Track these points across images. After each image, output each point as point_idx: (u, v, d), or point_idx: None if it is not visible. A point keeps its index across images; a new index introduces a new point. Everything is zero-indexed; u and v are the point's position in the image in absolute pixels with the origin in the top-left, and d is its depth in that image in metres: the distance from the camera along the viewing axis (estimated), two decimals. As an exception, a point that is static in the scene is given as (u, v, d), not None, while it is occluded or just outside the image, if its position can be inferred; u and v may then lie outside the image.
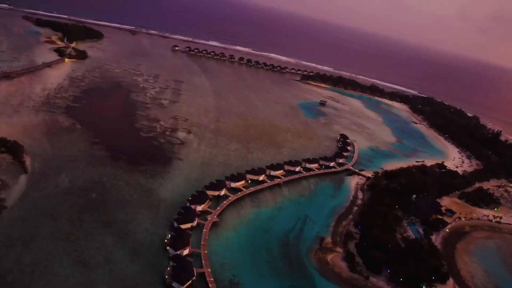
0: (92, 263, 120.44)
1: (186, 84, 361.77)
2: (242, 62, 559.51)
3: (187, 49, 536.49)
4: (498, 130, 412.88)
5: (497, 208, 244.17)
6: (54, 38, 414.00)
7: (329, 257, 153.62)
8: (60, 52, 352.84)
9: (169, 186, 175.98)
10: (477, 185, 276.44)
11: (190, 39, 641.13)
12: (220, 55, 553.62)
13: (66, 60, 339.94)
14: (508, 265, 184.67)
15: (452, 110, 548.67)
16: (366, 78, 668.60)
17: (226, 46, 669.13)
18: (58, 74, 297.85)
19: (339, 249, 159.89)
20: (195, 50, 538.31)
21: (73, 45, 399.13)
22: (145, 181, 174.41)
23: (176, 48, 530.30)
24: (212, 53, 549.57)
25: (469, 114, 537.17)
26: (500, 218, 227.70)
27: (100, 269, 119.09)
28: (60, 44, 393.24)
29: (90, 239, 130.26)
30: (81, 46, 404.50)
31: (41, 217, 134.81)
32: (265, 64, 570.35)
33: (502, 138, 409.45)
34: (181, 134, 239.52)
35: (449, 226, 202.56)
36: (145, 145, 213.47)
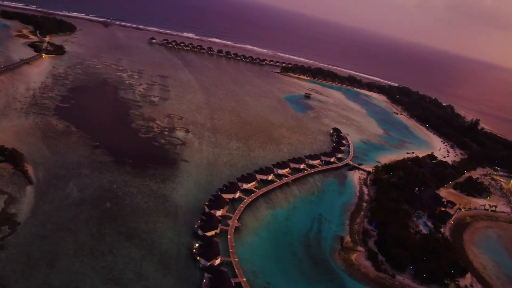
0: (124, 280, 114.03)
1: (172, 79, 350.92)
2: (221, 54, 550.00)
3: (164, 41, 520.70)
4: (475, 119, 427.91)
5: (489, 197, 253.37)
6: (25, 31, 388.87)
7: (353, 257, 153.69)
8: (36, 48, 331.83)
9: (182, 191, 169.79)
10: (466, 174, 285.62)
11: (165, 31, 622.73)
12: (198, 47, 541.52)
13: (44, 56, 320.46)
14: (511, 254, 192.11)
15: (427, 100, 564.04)
16: (342, 69, 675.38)
17: (203, 38, 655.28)
18: (39, 72, 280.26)
19: (360, 248, 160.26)
20: (173, 43, 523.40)
21: (47, 39, 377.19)
22: (157, 187, 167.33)
23: (153, 41, 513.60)
24: (190, 46, 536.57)
25: (443, 104, 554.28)
26: (495, 207, 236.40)
27: (134, 286, 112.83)
28: (34, 38, 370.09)
29: (116, 253, 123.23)
30: (55, 40, 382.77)
31: (60, 232, 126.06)
32: (244, 56, 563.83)
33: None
34: (180, 134, 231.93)
35: (452, 218, 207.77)
36: (146, 147, 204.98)
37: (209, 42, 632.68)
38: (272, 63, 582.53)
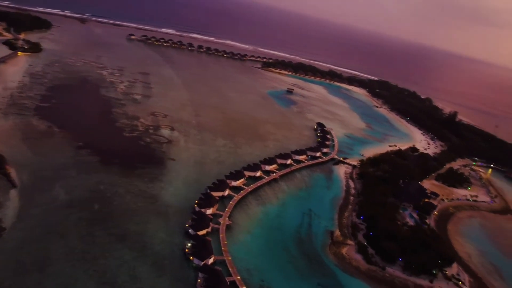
0: (118, 283, 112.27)
1: (153, 76, 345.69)
2: (201, 50, 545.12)
3: (143, 38, 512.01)
4: (453, 111, 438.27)
5: (470, 187, 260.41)
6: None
7: (344, 250, 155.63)
8: (11, 45, 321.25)
9: (171, 190, 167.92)
10: (447, 166, 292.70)
11: (144, 27, 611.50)
12: (178, 43, 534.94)
13: (20, 54, 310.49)
14: (495, 243, 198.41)
15: (406, 93, 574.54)
16: (323, 64, 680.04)
17: (182, 34, 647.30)
18: (16, 71, 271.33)
19: (350, 242, 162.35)
20: (152, 39, 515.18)
21: (22, 36, 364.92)
22: (145, 187, 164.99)
23: (132, 37, 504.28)
24: (170, 42, 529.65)
25: (422, 97, 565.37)
26: (477, 197, 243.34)
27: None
28: (8, 35, 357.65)
29: (108, 256, 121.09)
30: (31, 37, 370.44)
31: (49, 236, 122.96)
32: (225, 51, 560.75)
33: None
34: (165, 132, 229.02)
35: (437, 209, 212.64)
36: (132, 146, 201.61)
37: (189, 37, 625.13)
38: (253, 58, 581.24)
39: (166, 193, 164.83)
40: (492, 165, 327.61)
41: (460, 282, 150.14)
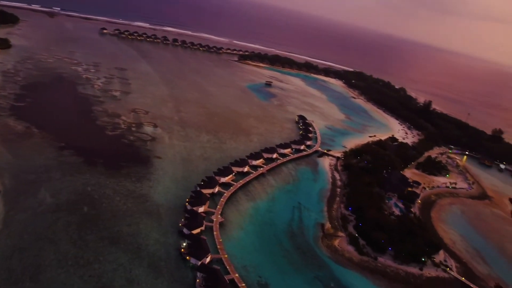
0: (116, 287, 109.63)
1: (130, 71, 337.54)
2: (177, 43, 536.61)
3: (116, 32, 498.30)
4: (427, 100, 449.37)
5: (448, 175, 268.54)
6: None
7: (336, 243, 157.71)
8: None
9: (160, 189, 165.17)
10: (425, 154, 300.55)
11: (116, 20, 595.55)
12: (152, 37, 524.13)
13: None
14: (476, 228, 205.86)
15: (381, 83, 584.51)
16: (298, 56, 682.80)
17: (156, 27, 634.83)
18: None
19: (341, 234, 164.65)
20: (126, 33, 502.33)
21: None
22: (133, 186, 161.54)
23: (105, 31, 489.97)
24: (144, 35, 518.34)
25: (396, 87, 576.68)
26: (455, 184, 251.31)
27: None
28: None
29: (102, 260, 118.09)
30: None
31: (39, 243, 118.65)
32: (200, 45, 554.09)
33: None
34: (148, 129, 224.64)
35: (420, 197, 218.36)
36: (116, 145, 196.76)
37: (162, 31, 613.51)
38: (229, 51, 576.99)
39: (155, 192, 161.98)
40: (467, 152, 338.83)
41: (448, 268, 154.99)
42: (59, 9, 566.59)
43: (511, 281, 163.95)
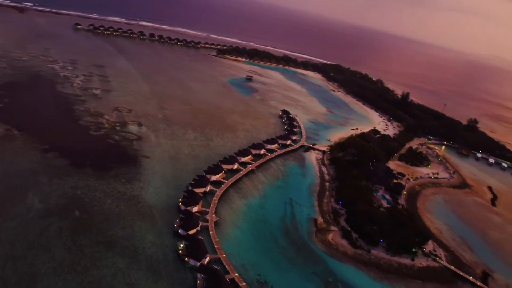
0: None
1: (109, 68, 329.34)
2: (153, 38, 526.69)
3: (91, 27, 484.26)
4: (405, 92, 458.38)
5: (430, 165, 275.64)
6: None
7: (330, 237, 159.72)
8: None
9: (151, 190, 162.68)
10: (407, 146, 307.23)
11: (89, 15, 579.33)
12: (129, 32, 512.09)
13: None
14: (459, 216, 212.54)
15: (358, 76, 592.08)
16: (277, 49, 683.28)
17: (131, 22, 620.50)
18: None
19: (333, 228, 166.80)
20: (101, 28, 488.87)
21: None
22: (124, 188, 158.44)
23: (79, 26, 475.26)
24: (120, 31, 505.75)
25: (374, 79, 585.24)
26: (437, 174, 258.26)
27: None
28: None
29: (99, 265, 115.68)
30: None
31: (32, 251, 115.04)
32: (178, 39, 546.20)
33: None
34: (133, 128, 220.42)
35: (405, 188, 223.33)
36: (101, 145, 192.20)
37: (138, 25, 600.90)
38: (207, 45, 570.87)
39: (146, 193, 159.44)
40: (445, 142, 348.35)
41: (438, 258, 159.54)
42: (29, 4, 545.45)
43: (495, 267, 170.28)
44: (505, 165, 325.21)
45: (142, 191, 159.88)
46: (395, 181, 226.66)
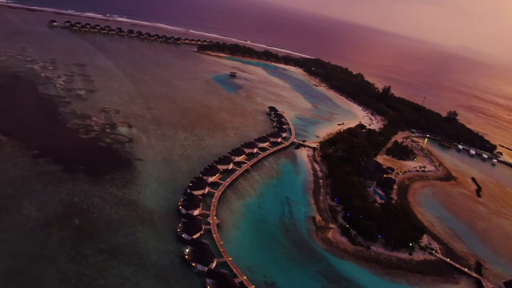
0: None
1: (91, 67, 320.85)
2: (132, 35, 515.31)
3: (67, 24, 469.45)
4: (387, 86, 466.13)
5: (416, 158, 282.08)
6: None
7: (329, 235, 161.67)
8: None
9: (149, 193, 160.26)
10: (392, 140, 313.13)
11: (64, 11, 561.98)
12: (106, 28, 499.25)
13: None
14: (448, 208, 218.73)
15: (339, 70, 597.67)
16: (257, 44, 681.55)
17: (108, 18, 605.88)
18: None
19: (332, 225, 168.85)
20: (78, 25, 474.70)
21: None
22: (121, 193, 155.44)
23: (55, 23, 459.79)
24: (97, 27, 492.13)
25: (354, 73, 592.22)
26: (424, 167, 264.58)
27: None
28: None
29: (106, 275, 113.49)
30: None
31: (35, 263, 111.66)
32: (157, 35, 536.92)
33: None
34: (123, 130, 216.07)
35: (396, 182, 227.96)
36: (93, 149, 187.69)
37: (115, 21, 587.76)
38: (187, 41, 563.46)
39: (144, 197, 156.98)
40: (427, 135, 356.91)
41: (434, 251, 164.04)
42: (1, 1, 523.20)
43: (486, 256, 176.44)
44: (485, 156, 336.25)
45: (139, 195, 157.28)
46: (385, 175, 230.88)
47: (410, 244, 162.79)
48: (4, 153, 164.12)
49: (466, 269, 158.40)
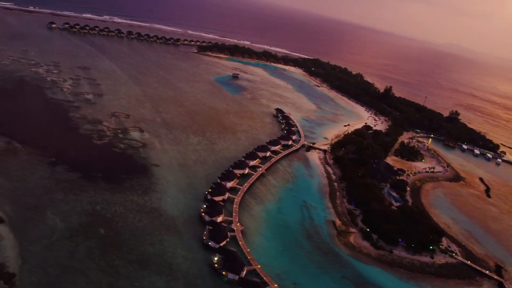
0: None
1: (95, 70, 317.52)
2: (132, 36, 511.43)
3: (66, 25, 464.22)
4: (388, 86, 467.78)
5: (424, 159, 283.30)
6: None
7: (351, 239, 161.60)
8: None
9: (169, 200, 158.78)
10: (399, 140, 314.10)
11: (60, 12, 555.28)
12: (106, 30, 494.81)
13: None
14: (460, 210, 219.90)
15: (338, 70, 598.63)
16: (255, 44, 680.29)
17: (105, 18, 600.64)
18: None
19: (352, 229, 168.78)
20: (77, 27, 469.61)
21: None
22: (142, 200, 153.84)
23: (54, 25, 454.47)
24: (96, 29, 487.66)
25: (353, 72, 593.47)
26: (434, 168, 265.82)
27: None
28: None
29: (138, 286, 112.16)
30: None
31: (67, 275, 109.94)
32: (157, 37, 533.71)
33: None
34: (136, 134, 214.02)
35: (408, 184, 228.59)
36: (108, 155, 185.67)
37: (113, 23, 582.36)
38: (186, 42, 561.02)
39: (166, 204, 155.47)
40: (431, 135, 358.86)
41: (454, 254, 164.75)
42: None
43: (503, 258, 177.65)
44: (489, 155, 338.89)
45: (160, 202, 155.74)
46: (397, 177, 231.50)
47: (431, 247, 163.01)
48: (21, 161, 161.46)
49: (488, 271, 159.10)
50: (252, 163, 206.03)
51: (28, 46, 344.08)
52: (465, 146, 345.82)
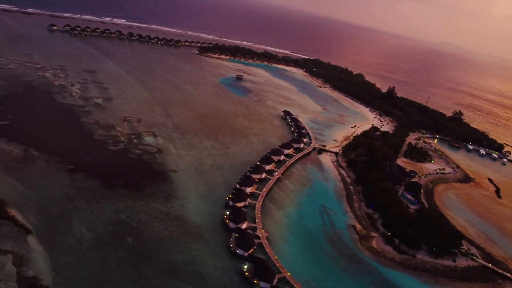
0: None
1: (101, 74, 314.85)
2: (133, 38, 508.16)
3: (67, 27, 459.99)
4: (391, 86, 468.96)
5: (432, 160, 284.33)
6: None
7: (374, 244, 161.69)
8: None
9: (191, 207, 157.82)
10: (406, 141, 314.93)
11: (59, 13, 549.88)
12: (107, 32, 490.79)
13: None
14: (474, 211, 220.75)
15: (338, 70, 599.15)
16: (255, 45, 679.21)
17: (104, 20, 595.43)
18: None
19: (374, 234, 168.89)
20: (78, 29, 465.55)
21: None
22: (165, 208, 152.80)
23: (55, 27, 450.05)
24: (97, 31, 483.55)
25: (354, 73, 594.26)
26: (444, 169, 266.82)
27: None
28: None
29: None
30: None
31: (101, 287, 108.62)
32: (157, 38, 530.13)
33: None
34: (150, 139, 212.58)
35: (422, 186, 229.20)
36: (125, 161, 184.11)
37: (112, 24, 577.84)
38: (187, 43, 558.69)
39: (188, 211, 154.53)
40: (437, 136, 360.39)
41: (475, 257, 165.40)
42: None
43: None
44: (495, 155, 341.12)
45: (183, 209, 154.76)
46: (410, 179, 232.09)
47: (452, 251, 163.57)
48: (40, 169, 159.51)
49: (510, 274, 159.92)
50: (267, 167, 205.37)
51: (31, 49, 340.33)
52: (470, 146, 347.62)
